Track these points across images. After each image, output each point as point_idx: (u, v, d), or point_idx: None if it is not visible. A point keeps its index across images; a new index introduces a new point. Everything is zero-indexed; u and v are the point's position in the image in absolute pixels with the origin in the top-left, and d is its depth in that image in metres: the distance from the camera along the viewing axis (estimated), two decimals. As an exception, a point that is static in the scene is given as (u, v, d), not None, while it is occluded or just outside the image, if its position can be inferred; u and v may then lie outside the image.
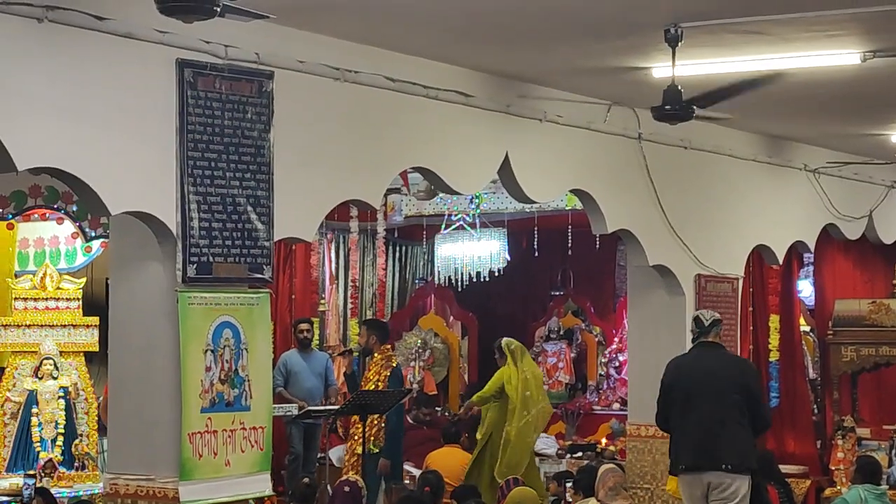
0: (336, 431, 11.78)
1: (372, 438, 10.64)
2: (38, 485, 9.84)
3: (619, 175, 9.34)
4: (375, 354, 11.02)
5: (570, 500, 10.16)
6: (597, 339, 15.36)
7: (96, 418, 11.22)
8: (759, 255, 11.49)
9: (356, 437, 10.78)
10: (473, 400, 11.59)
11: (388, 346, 11.47)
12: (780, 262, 11.44)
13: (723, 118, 8.13)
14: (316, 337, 13.24)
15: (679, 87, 7.30)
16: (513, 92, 8.40)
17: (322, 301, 14.19)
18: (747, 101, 8.33)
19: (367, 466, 10.39)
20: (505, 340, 11.49)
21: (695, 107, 7.37)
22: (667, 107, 7.36)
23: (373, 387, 10.74)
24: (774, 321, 13.00)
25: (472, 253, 14.84)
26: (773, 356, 13.05)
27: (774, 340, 13.02)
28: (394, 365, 11.24)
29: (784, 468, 11.27)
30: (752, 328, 12.72)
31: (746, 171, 10.68)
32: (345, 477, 8.28)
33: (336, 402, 12.10)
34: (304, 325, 12.70)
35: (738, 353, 10.65)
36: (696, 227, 10.03)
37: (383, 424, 10.71)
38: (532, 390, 11.16)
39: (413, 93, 7.67)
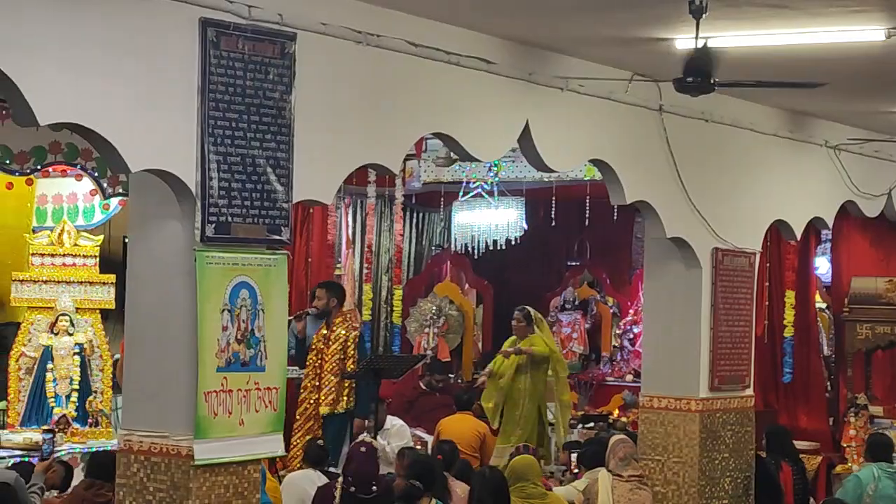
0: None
1: (345, 399, 10.73)
2: (58, 453, 9.89)
3: (638, 146, 9.31)
4: (336, 318, 11.01)
5: (576, 471, 10.21)
6: (612, 311, 15.38)
7: (111, 375, 11.28)
8: (777, 231, 11.46)
9: (311, 401, 10.85)
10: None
11: (350, 310, 11.52)
12: (798, 237, 11.40)
13: (745, 85, 8.08)
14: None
15: (703, 59, 7.25)
16: (535, 60, 8.37)
17: (338, 265, 14.22)
18: (770, 77, 8.29)
19: (339, 425, 10.49)
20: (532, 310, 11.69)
21: (717, 79, 7.33)
22: (689, 78, 7.31)
23: (340, 348, 10.80)
24: (790, 297, 12.99)
25: (490, 221, 14.86)
26: (788, 332, 13.05)
27: (790, 316, 13.01)
28: (358, 327, 11.28)
29: (796, 444, 11.30)
30: (767, 303, 12.72)
31: (767, 145, 10.64)
32: (360, 438, 8.33)
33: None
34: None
35: (753, 329, 10.64)
36: (715, 200, 10.00)
37: (353, 385, 10.80)
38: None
39: (435, 58, 7.63)
